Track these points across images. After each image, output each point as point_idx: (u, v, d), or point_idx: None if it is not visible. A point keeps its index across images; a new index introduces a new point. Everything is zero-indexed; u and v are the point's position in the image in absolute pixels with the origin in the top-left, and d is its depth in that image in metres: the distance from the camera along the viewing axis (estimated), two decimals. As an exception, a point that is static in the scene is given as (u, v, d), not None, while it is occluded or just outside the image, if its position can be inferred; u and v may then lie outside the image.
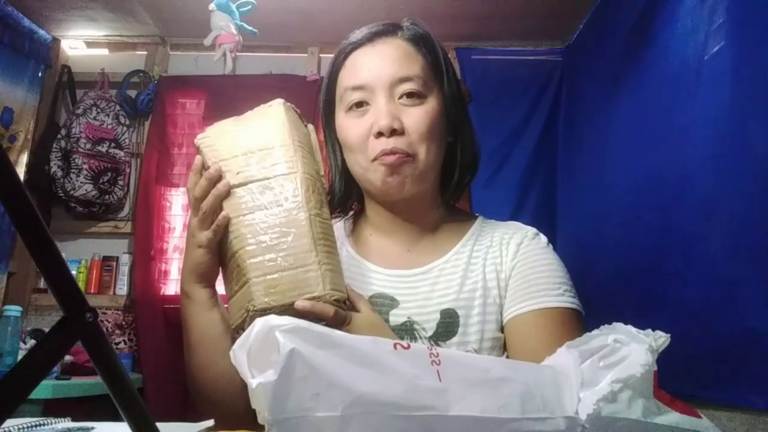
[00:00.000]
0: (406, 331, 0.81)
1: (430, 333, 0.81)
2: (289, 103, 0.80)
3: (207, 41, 2.17)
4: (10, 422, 0.65)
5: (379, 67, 0.82)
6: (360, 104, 0.82)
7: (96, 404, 1.92)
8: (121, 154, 2.73)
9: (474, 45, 2.92)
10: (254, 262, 0.70)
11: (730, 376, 1.41)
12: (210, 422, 0.70)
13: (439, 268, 0.86)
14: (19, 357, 1.77)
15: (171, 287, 2.68)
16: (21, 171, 2.68)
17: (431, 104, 0.83)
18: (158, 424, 0.45)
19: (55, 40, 2.91)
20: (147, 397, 2.41)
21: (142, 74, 2.88)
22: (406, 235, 0.89)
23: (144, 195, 2.72)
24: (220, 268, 0.77)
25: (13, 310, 1.83)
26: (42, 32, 2.81)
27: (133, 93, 2.85)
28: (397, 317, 0.82)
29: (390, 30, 0.88)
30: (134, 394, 0.43)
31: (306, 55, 2.98)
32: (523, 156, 2.76)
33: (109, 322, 2.60)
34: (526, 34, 2.85)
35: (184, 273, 0.79)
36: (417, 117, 0.81)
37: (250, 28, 2.20)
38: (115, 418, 0.49)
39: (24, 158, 2.71)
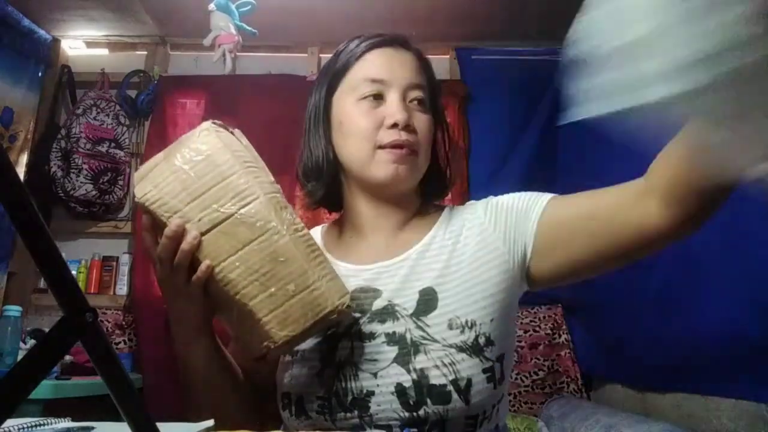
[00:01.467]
0: (388, 313, 0.83)
1: (411, 311, 0.82)
2: (214, 122, 0.77)
3: (206, 41, 2.17)
4: (10, 422, 0.65)
5: (398, 68, 0.89)
6: (377, 96, 0.87)
7: (96, 404, 1.92)
8: (121, 154, 2.73)
9: (474, 45, 2.92)
10: (256, 302, 0.69)
11: (733, 371, 1.41)
12: (210, 422, 0.70)
13: (417, 253, 0.88)
14: (19, 357, 1.77)
15: (171, 287, 2.68)
16: (21, 171, 2.68)
17: (430, 116, 0.91)
18: (158, 424, 0.45)
19: (55, 40, 2.91)
20: (147, 397, 2.41)
21: (142, 74, 2.88)
22: (388, 225, 0.92)
23: (144, 195, 2.72)
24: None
25: (13, 310, 1.83)
26: (42, 32, 2.81)
27: (133, 93, 2.85)
28: (378, 305, 0.85)
29: (406, 43, 0.94)
30: (134, 394, 0.44)
31: (306, 55, 2.98)
32: (523, 156, 2.76)
33: (109, 322, 2.60)
34: (526, 34, 2.85)
35: (178, 329, 0.80)
36: (423, 121, 0.89)
37: (249, 28, 2.20)
38: (115, 418, 0.49)
39: (24, 158, 2.70)
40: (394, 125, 0.85)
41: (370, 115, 0.86)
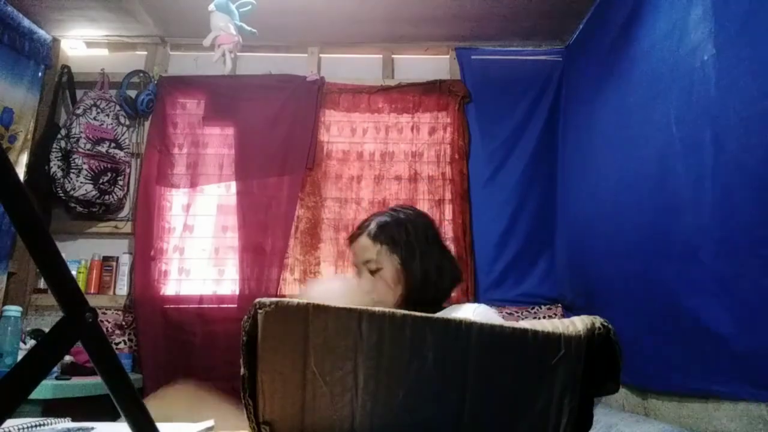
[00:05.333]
0: None
1: None
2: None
3: (206, 42, 2.17)
4: (10, 422, 0.65)
5: (355, 255, 1.35)
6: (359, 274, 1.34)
7: (96, 404, 1.92)
8: (121, 154, 2.72)
9: (474, 45, 2.93)
10: None
11: (733, 371, 1.41)
12: (210, 422, 0.70)
13: None
14: (19, 357, 1.77)
15: (171, 287, 2.68)
16: (21, 171, 2.68)
17: (385, 269, 1.29)
18: (158, 424, 0.45)
19: (55, 40, 2.91)
20: (147, 397, 2.41)
21: (142, 74, 2.88)
22: None
23: (144, 195, 2.72)
24: None
25: (13, 310, 1.82)
26: (42, 32, 2.81)
27: (133, 93, 2.85)
28: None
29: (359, 233, 1.36)
30: (134, 394, 0.44)
31: (306, 55, 2.98)
32: (523, 156, 2.76)
33: (109, 322, 2.60)
34: (526, 34, 2.85)
35: None
36: (376, 281, 1.29)
37: (249, 28, 2.20)
38: (115, 418, 0.49)
39: (24, 158, 2.70)
40: None
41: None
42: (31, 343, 2.04)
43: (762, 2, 1.31)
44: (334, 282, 1.46)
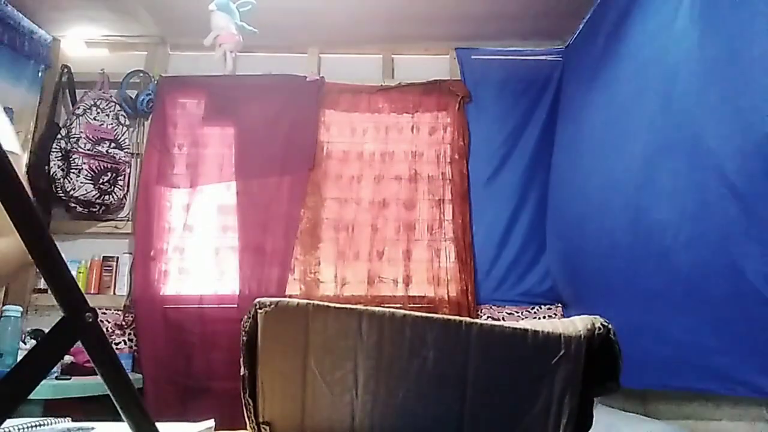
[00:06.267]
0: None
1: None
2: None
3: (207, 41, 2.17)
4: (10, 422, 0.65)
5: None
6: None
7: (96, 404, 1.92)
8: (121, 154, 2.72)
9: (474, 45, 2.93)
10: None
11: (733, 369, 1.41)
12: (210, 422, 0.70)
13: None
14: (19, 357, 1.77)
15: (171, 287, 2.67)
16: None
17: None
18: (158, 424, 0.45)
19: (55, 40, 2.91)
20: (147, 397, 2.41)
21: (142, 74, 2.88)
22: None
23: (144, 195, 2.72)
24: None
25: (13, 310, 1.82)
26: (42, 32, 2.81)
27: (133, 93, 2.85)
28: None
29: None
30: (134, 394, 0.44)
31: (306, 55, 2.98)
32: (523, 156, 2.76)
33: (109, 322, 2.60)
34: (526, 34, 2.85)
35: None
36: None
37: (250, 27, 2.20)
38: (115, 418, 0.49)
39: (24, 158, 2.70)
40: None
41: None
42: (31, 343, 2.04)
43: (739, 6, 1.33)
44: None
